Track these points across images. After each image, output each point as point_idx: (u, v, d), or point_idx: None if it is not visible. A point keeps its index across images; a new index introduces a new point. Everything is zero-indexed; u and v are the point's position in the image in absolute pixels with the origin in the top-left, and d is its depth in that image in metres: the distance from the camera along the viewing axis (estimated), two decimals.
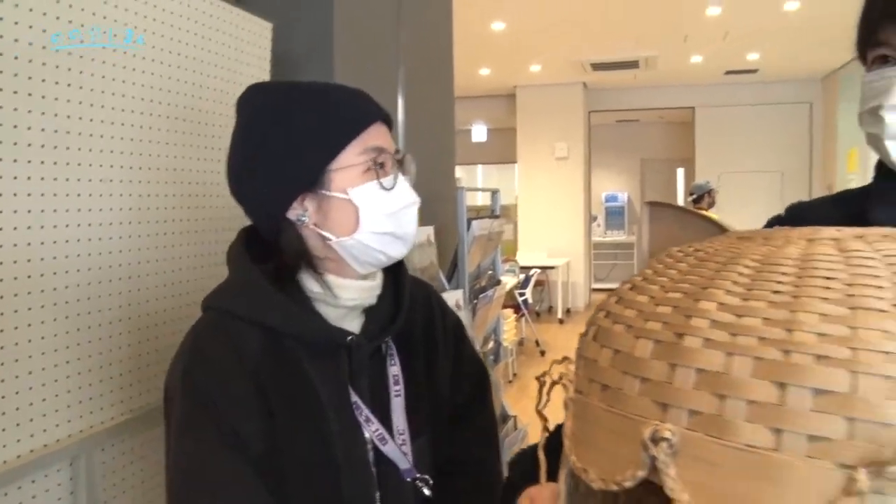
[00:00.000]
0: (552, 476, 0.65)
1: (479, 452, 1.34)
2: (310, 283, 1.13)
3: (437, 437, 1.25)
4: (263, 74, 2.02)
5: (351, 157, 1.09)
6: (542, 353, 8.10)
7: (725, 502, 0.45)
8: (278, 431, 1.06)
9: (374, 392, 1.15)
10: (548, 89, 10.66)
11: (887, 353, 0.43)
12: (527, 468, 0.78)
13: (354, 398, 1.12)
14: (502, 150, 12.12)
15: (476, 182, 14.63)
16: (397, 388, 1.17)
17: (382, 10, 2.70)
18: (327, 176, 1.09)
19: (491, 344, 3.18)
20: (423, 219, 2.73)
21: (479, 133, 12.21)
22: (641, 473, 0.48)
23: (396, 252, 1.16)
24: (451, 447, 1.28)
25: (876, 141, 0.87)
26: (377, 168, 1.11)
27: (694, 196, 7.39)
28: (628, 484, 0.50)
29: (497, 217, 3.27)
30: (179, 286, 1.68)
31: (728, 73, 10.13)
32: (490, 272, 3.29)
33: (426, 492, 1.17)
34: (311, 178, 1.09)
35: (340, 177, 1.09)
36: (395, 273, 1.25)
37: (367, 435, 1.13)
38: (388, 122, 1.18)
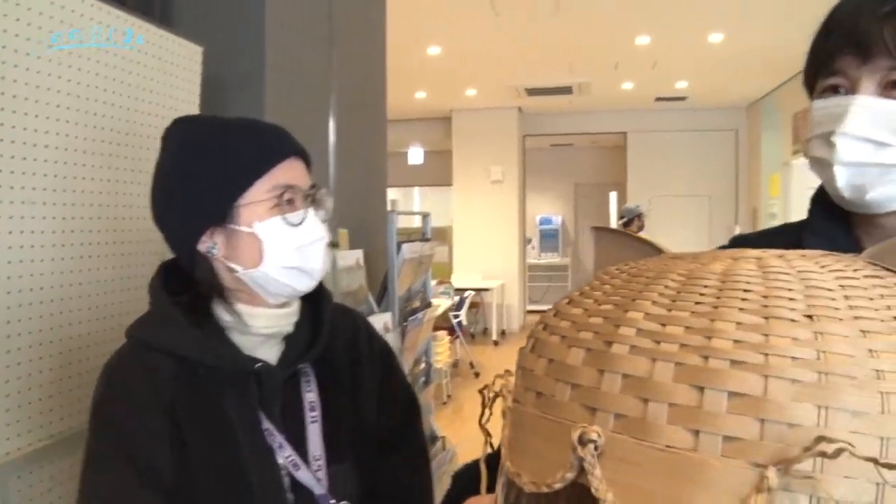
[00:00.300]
0: (493, 488, 0.67)
1: (408, 479, 1.36)
2: (223, 313, 1.17)
3: (363, 464, 1.26)
4: (193, 98, 2.02)
5: (258, 194, 1.12)
6: (477, 374, 8.14)
7: (648, 501, 0.47)
8: (192, 460, 1.08)
9: (288, 418, 1.17)
10: (483, 113, 10.80)
11: (795, 358, 0.47)
12: (468, 480, 0.81)
13: (267, 425, 1.14)
14: (439, 172, 12.20)
15: (413, 204, 14.68)
16: (313, 414, 1.19)
17: (315, 36, 2.72)
18: (235, 210, 1.12)
19: (422, 365, 3.20)
20: (354, 242, 2.75)
21: (415, 156, 12.27)
22: (570, 475, 0.51)
23: (303, 286, 1.18)
24: (379, 474, 1.29)
25: (823, 166, 0.89)
26: (284, 204, 1.14)
27: (624, 219, 7.55)
28: (558, 486, 0.52)
29: (428, 240, 3.31)
30: (105, 309, 1.65)
31: (658, 99, 10.41)
32: (421, 295, 3.32)
33: None
34: (219, 213, 1.13)
35: (248, 212, 1.12)
36: (315, 300, 1.27)
37: (280, 461, 1.14)
38: (304, 157, 1.22)
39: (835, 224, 0.96)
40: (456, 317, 8.18)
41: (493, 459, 0.68)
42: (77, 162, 1.57)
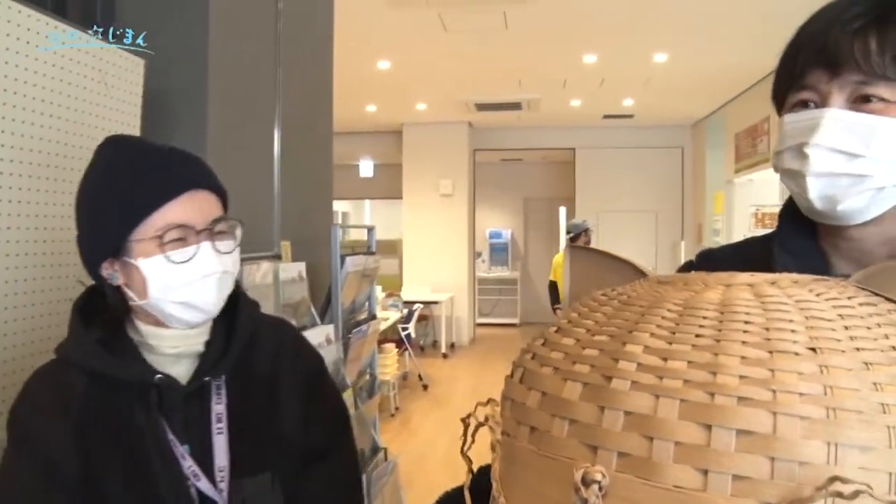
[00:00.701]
0: None
1: (333, 494, 1.39)
2: (133, 332, 1.25)
3: (284, 479, 1.29)
4: (133, 110, 2.01)
5: (147, 231, 1.17)
6: (425, 387, 8.14)
7: None
8: (99, 468, 1.15)
9: (193, 429, 1.22)
10: (434, 127, 10.84)
11: (802, 394, 0.46)
12: None
13: (171, 436, 1.19)
14: (389, 185, 12.21)
15: (364, 217, 14.66)
16: (220, 425, 1.23)
17: (261, 47, 2.73)
18: (129, 244, 1.17)
19: (366, 377, 3.22)
20: (297, 255, 2.76)
21: (366, 168, 12.28)
22: None
23: (192, 318, 1.22)
24: (303, 488, 1.33)
25: (795, 177, 0.90)
26: (172, 242, 1.18)
27: (571, 234, 7.57)
28: None
29: (373, 253, 3.33)
30: (40, 325, 1.65)
31: (606, 116, 10.58)
32: (365, 307, 3.34)
33: None
34: (113, 246, 1.19)
35: (138, 247, 1.17)
36: (232, 317, 1.31)
37: (184, 471, 1.20)
38: (213, 189, 1.25)
39: (804, 238, 0.98)
40: (405, 329, 8.19)
41: (480, 488, 0.66)
42: (13, 172, 1.56)
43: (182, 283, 1.18)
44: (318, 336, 2.52)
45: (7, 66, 1.55)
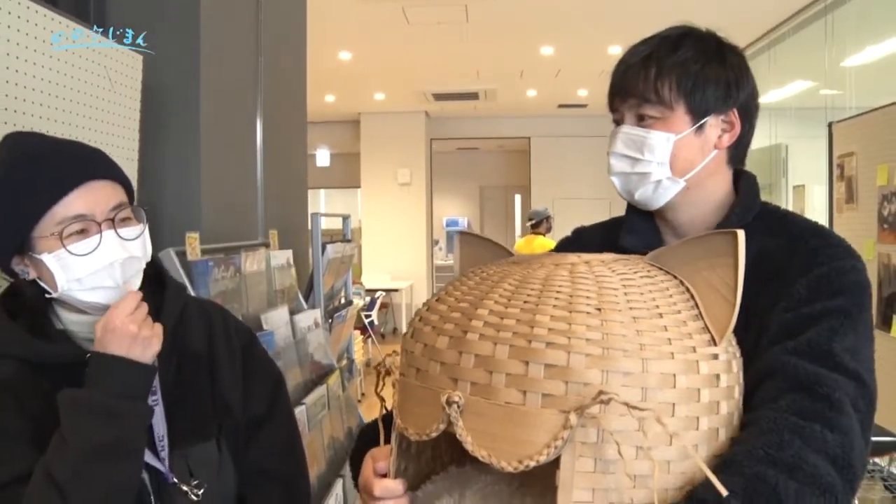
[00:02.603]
0: (389, 441, 0.91)
1: (277, 458, 1.47)
2: (55, 321, 1.28)
3: (232, 447, 1.37)
4: (133, 104, 2.11)
5: (47, 227, 1.20)
6: (388, 373, 8.26)
7: (494, 440, 0.70)
8: (36, 443, 1.16)
9: None
10: (391, 117, 10.94)
11: (588, 339, 0.70)
12: (370, 437, 1.04)
13: None
14: (345, 175, 12.26)
15: (319, 205, 14.66)
16: (154, 398, 1.25)
17: (244, 44, 2.83)
18: (32, 241, 1.21)
19: (344, 361, 3.34)
20: (281, 243, 2.87)
21: (322, 158, 12.30)
22: (442, 426, 0.74)
23: (105, 299, 1.24)
24: (248, 459, 1.41)
25: (611, 177, 1.24)
26: (72, 235, 1.20)
27: (533, 221, 7.73)
28: (434, 434, 0.75)
29: (349, 241, 3.45)
30: None
31: (561, 106, 10.79)
32: (342, 293, 3.46)
33: (192, 496, 1.27)
34: (18, 242, 1.22)
35: (42, 243, 1.20)
36: (158, 300, 1.34)
37: None
38: (112, 177, 1.28)
39: (644, 220, 1.27)
40: (368, 316, 8.31)
41: (388, 419, 0.93)
42: None
43: (88, 273, 1.21)
44: (307, 320, 2.64)
45: (18, 61, 1.61)
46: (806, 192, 6.80)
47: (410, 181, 11.01)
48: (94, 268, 1.21)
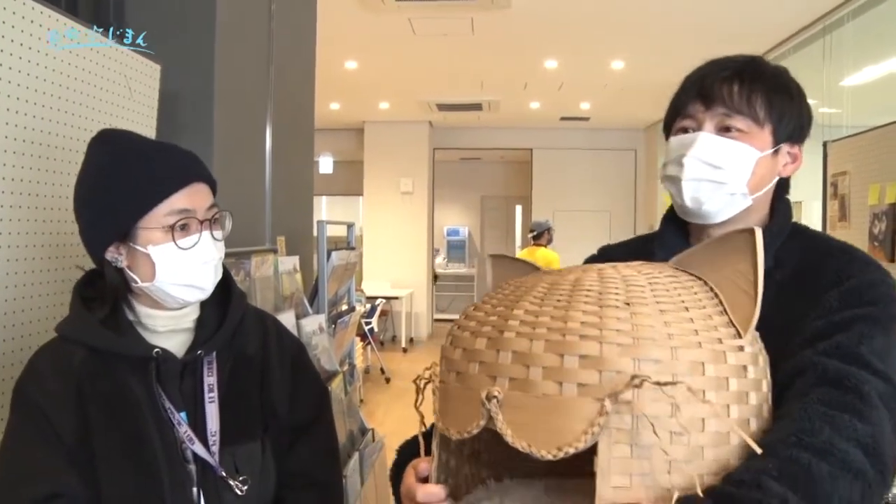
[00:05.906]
0: (429, 453, 0.96)
1: (318, 462, 1.52)
2: (128, 312, 1.36)
3: (275, 450, 1.43)
4: (151, 112, 2.18)
5: (157, 218, 1.29)
6: (388, 380, 8.33)
7: (534, 431, 0.75)
8: (96, 432, 1.26)
9: (188, 398, 1.34)
10: (395, 126, 11.01)
11: (618, 330, 0.75)
12: (409, 452, 1.09)
13: (168, 404, 1.31)
14: (348, 182, 12.31)
15: (321, 213, 14.71)
16: (211, 395, 1.35)
17: (256, 46, 2.89)
18: (136, 231, 1.29)
19: (346, 366, 3.41)
20: (287, 249, 2.94)
21: (325, 165, 12.36)
22: (483, 422, 0.79)
23: (194, 298, 1.35)
24: (291, 457, 1.46)
25: (674, 182, 1.20)
26: (178, 230, 1.30)
27: (535, 232, 7.79)
28: (475, 431, 0.81)
29: (353, 248, 3.52)
30: (34, 300, 1.68)
31: (563, 118, 10.87)
32: (345, 299, 3.53)
33: (237, 491, 1.33)
34: (122, 232, 1.30)
35: (146, 234, 1.29)
36: (226, 301, 1.44)
37: (178, 435, 1.31)
38: (208, 182, 1.38)
39: (679, 237, 1.27)
40: (368, 323, 8.36)
41: (427, 435, 0.98)
42: (33, 167, 1.66)
43: (186, 268, 1.30)
44: (313, 324, 2.70)
45: (38, 68, 1.66)
46: (804, 209, 6.87)
47: (412, 190, 11.06)
48: (192, 263, 1.31)
